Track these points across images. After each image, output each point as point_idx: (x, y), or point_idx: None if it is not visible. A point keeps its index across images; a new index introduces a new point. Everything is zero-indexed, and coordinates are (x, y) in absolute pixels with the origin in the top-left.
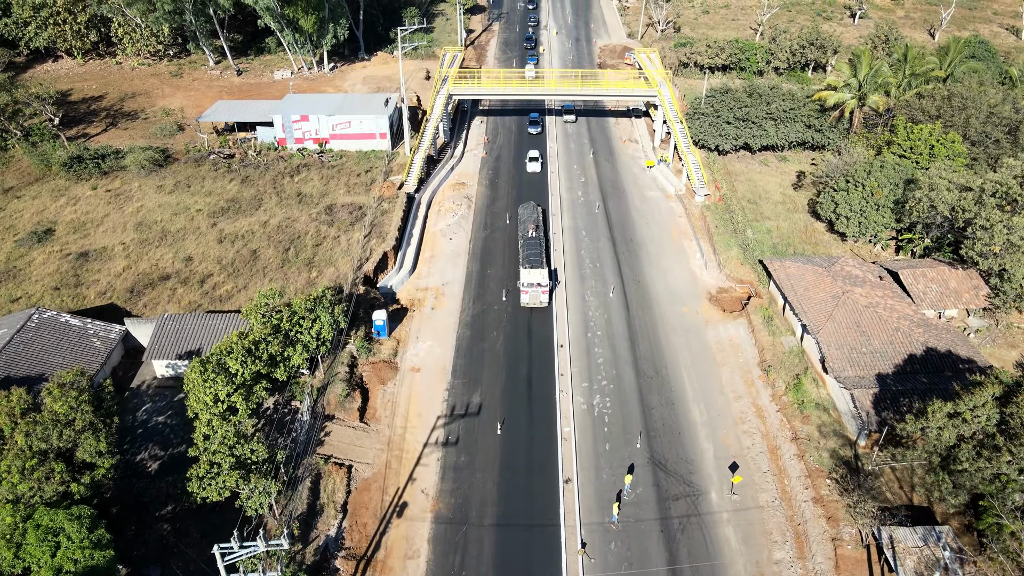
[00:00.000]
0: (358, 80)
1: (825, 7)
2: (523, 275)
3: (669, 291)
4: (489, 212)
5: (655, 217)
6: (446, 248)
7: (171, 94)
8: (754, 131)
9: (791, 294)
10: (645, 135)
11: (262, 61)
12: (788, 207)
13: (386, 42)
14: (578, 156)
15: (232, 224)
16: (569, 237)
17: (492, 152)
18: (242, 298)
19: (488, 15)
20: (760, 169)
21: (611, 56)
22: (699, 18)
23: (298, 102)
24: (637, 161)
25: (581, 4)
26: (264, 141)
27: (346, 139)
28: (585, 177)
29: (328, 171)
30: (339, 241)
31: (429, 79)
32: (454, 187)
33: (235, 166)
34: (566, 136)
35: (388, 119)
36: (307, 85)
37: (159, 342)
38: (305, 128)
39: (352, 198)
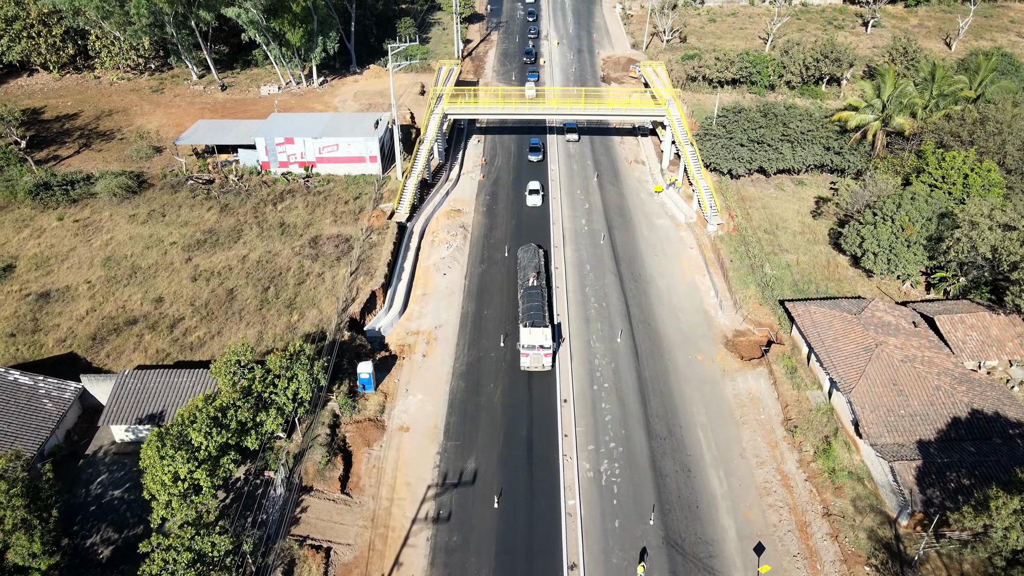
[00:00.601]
0: (349, 95)
1: (836, 15)
2: (523, 336)
3: (682, 334)
4: (486, 243)
5: (665, 249)
6: (440, 284)
7: (150, 112)
8: (770, 154)
9: (818, 344)
10: (652, 156)
11: (248, 75)
12: (808, 238)
13: (379, 54)
14: (581, 179)
15: (208, 259)
16: (573, 273)
17: (490, 175)
18: (215, 346)
19: (486, 24)
20: (776, 194)
21: (615, 68)
22: (705, 27)
23: (283, 122)
24: (644, 185)
25: (583, 12)
26: (246, 165)
27: (334, 163)
28: (589, 203)
29: (314, 198)
30: (323, 278)
31: (424, 94)
32: (449, 215)
33: (214, 192)
34: (568, 156)
35: (378, 141)
36: (294, 101)
37: (118, 403)
38: (290, 151)
39: (339, 228)
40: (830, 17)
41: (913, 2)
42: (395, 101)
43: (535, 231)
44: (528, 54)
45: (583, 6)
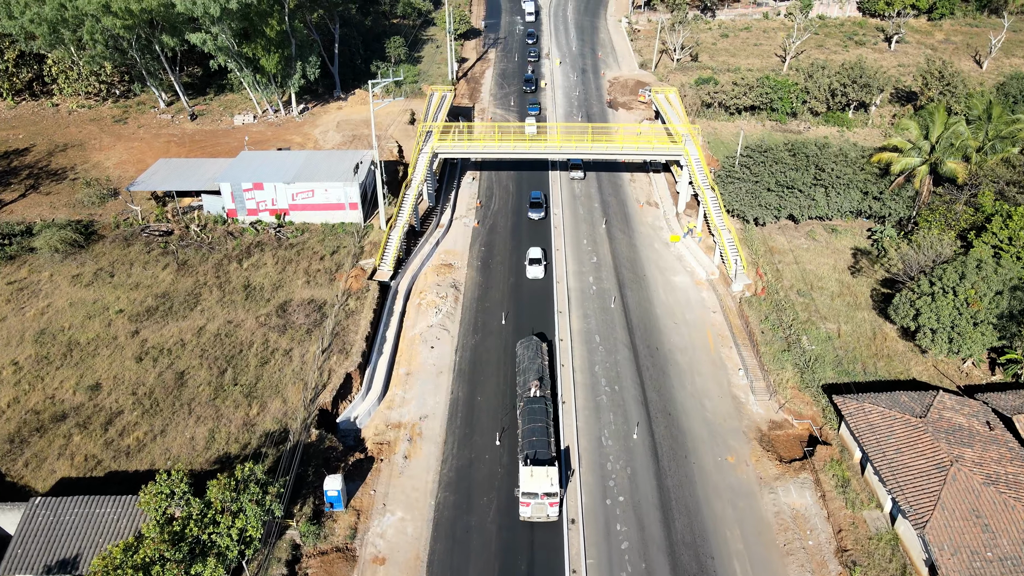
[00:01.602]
0: (331, 125)
1: (856, 30)
2: (523, 479)
3: (708, 427)
4: (480, 307)
5: (684, 314)
6: (426, 360)
7: (110, 146)
8: (801, 200)
9: (877, 455)
10: (667, 196)
11: (223, 101)
12: (848, 301)
13: (366, 77)
14: (588, 226)
15: (159, 332)
16: (580, 347)
17: (486, 220)
18: (157, 450)
19: (483, 40)
20: (807, 245)
21: (622, 92)
22: (718, 43)
23: (252, 164)
24: (659, 233)
25: (587, 27)
26: (211, 212)
27: (309, 210)
28: (597, 256)
29: (286, 252)
30: (291, 357)
31: (414, 123)
32: (439, 270)
33: (173, 246)
34: (573, 198)
35: (359, 187)
36: (271, 133)
37: (25, 544)
38: (259, 198)
39: (312, 292)
40: (850, 32)
41: (937, 15)
42: (379, 137)
43: (536, 292)
44: (528, 82)
45: (586, 20)
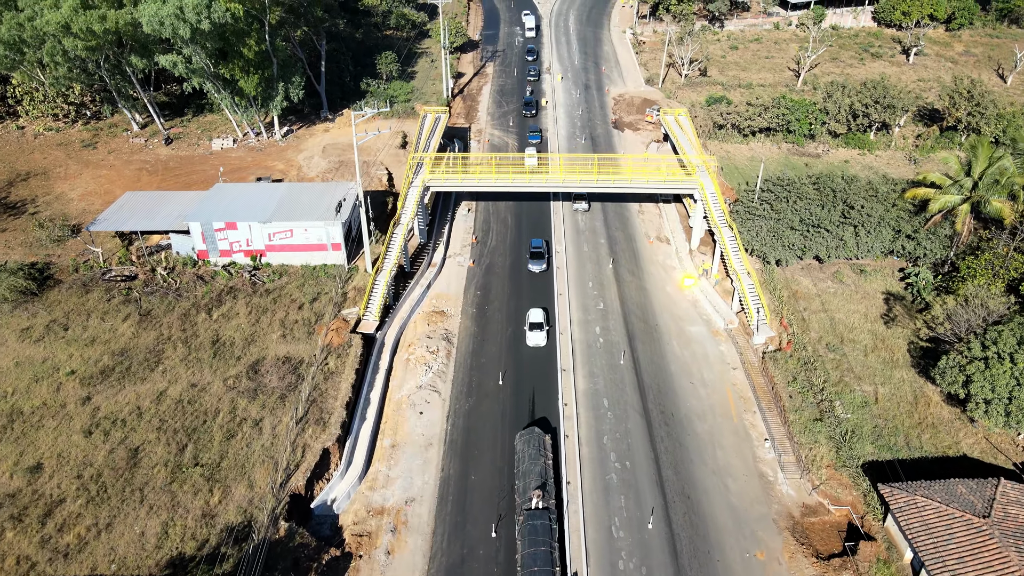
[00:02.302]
0: (317, 150)
1: (871, 41)
2: None
3: (733, 513)
4: (475, 363)
5: (702, 372)
6: (414, 429)
7: (76, 174)
8: (827, 240)
9: (935, 565)
10: (678, 230)
11: (201, 123)
12: (884, 358)
13: (355, 96)
14: (594, 266)
15: (113, 398)
16: (586, 412)
17: (482, 259)
18: (100, 549)
19: (480, 53)
20: (835, 288)
21: (628, 110)
22: (727, 56)
23: (226, 199)
24: (671, 274)
25: (589, 39)
26: (180, 253)
27: (288, 251)
28: (604, 302)
29: (261, 300)
30: (261, 429)
31: (405, 146)
32: (430, 318)
33: (136, 293)
34: (577, 232)
35: (342, 226)
36: (251, 159)
37: None
38: (233, 238)
39: (288, 348)
40: (864, 43)
41: (956, 25)
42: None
43: (537, 346)
44: (528, 105)
45: (589, 31)
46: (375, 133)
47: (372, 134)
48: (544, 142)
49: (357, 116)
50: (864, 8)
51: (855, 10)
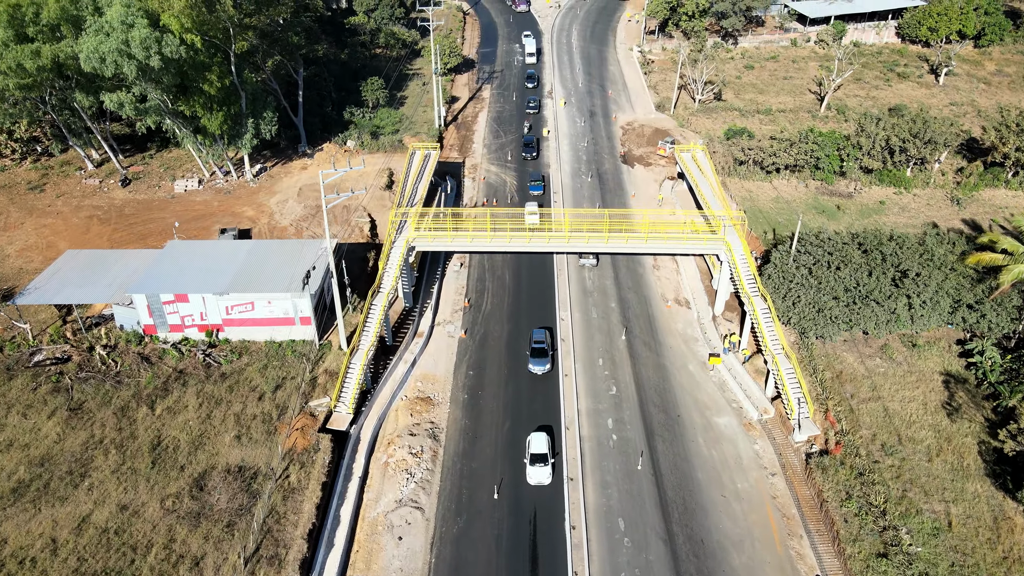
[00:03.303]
0: (292, 192)
1: (896, 59)
2: None
3: None
4: (466, 469)
5: (735, 480)
6: (391, 563)
7: (17, 223)
8: (878, 314)
9: None
10: (699, 290)
11: (165, 159)
12: (952, 464)
13: (338, 127)
14: (604, 337)
15: (23, 527)
16: (599, 539)
17: (475, 328)
18: None
19: (477, 74)
20: (885, 367)
21: (638, 142)
22: (743, 76)
23: (179, 260)
24: (693, 347)
25: (594, 58)
26: (124, 327)
27: (249, 325)
28: (617, 385)
29: (214, 387)
30: (202, 569)
31: (391, 187)
32: (413, 406)
33: (69, 379)
34: (584, 294)
35: (311, 297)
36: (217, 203)
37: None
38: (185, 311)
39: (243, 453)
40: (889, 62)
41: (986, 42)
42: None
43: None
44: (527, 146)
45: (593, 49)
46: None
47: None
48: (547, 186)
49: (327, 174)
50: (887, 23)
51: (878, 25)
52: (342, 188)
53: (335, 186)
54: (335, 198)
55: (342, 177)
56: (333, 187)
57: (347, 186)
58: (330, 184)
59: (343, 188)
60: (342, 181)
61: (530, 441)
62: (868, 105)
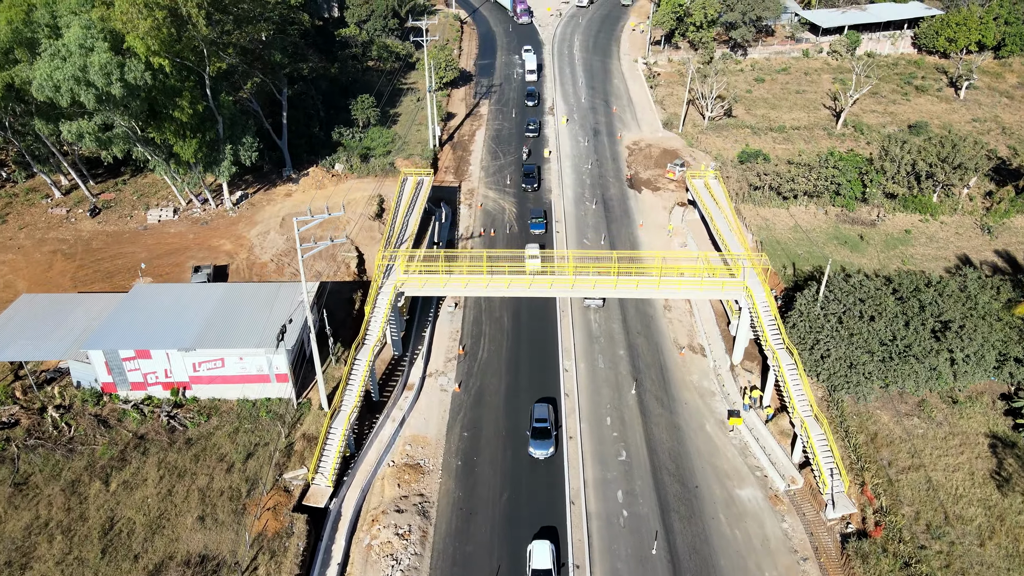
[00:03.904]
0: (274, 222)
1: (913, 71)
2: None
3: None
4: (459, 553)
5: (760, 568)
6: None
7: None
8: (917, 370)
9: None
10: (715, 334)
11: (139, 186)
12: (1007, 549)
13: (326, 149)
14: (612, 391)
15: None
16: None
17: (470, 379)
18: None
19: (474, 88)
20: (924, 427)
21: (645, 163)
22: (753, 89)
23: (144, 309)
24: (710, 403)
25: (597, 70)
26: (82, 384)
27: (219, 383)
28: (627, 449)
29: (179, 456)
30: None
31: (381, 216)
32: (401, 474)
33: (16, 446)
34: (589, 339)
35: (288, 353)
36: (193, 236)
37: None
38: (148, 368)
39: (207, 538)
40: (906, 74)
41: (1006, 52)
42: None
43: (544, 524)
44: (528, 176)
45: (596, 61)
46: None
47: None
48: (549, 224)
49: (302, 221)
50: (903, 33)
51: (893, 35)
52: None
53: None
54: (312, 247)
55: (331, 201)
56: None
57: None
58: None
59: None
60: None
61: (531, 551)
62: (886, 122)
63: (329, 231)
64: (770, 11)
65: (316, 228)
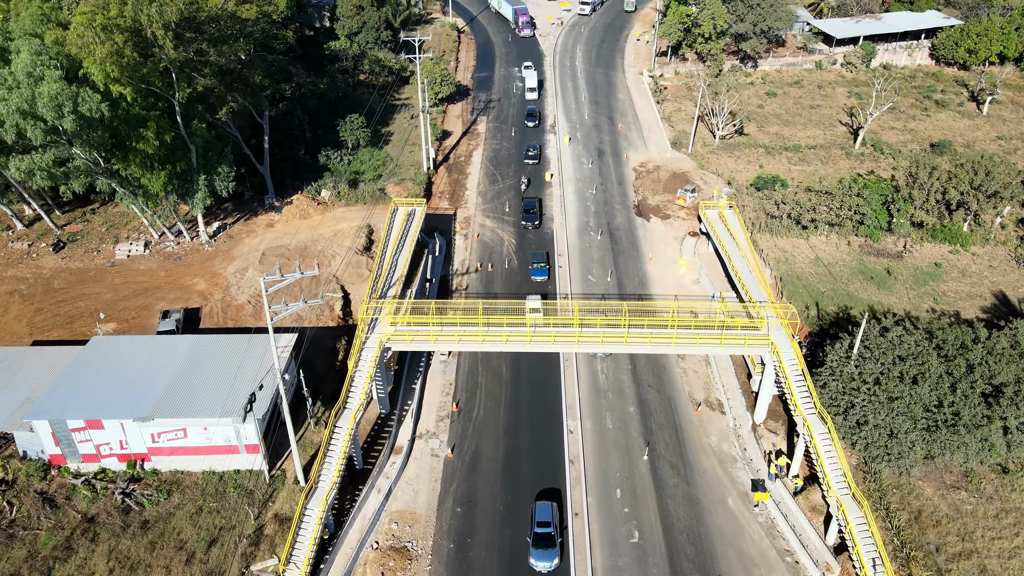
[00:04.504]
0: (254, 257)
1: (932, 83)
2: None
3: None
4: None
5: None
6: None
7: None
8: (966, 441)
9: None
10: (733, 387)
11: (109, 216)
12: None
13: (313, 173)
14: (622, 458)
15: None
16: None
17: (465, 443)
18: None
19: (471, 104)
20: (972, 503)
21: (653, 187)
22: (765, 104)
23: (101, 368)
24: (731, 472)
25: (601, 84)
26: (28, 455)
27: (181, 454)
28: (641, 530)
29: (133, 542)
30: None
31: (370, 249)
32: (385, 562)
33: None
34: (596, 394)
35: (258, 423)
36: (164, 273)
37: None
38: (100, 439)
39: None
40: (924, 87)
41: None
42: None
43: None
44: (528, 212)
45: (600, 73)
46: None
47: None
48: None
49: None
50: (920, 43)
51: (910, 45)
52: (312, 254)
53: (304, 248)
54: (283, 309)
55: (317, 231)
56: (304, 249)
57: (320, 249)
58: (302, 245)
59: (312, 254)
60: (314, 240)
61: None
62: (907, 140)
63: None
64: (782, 22)
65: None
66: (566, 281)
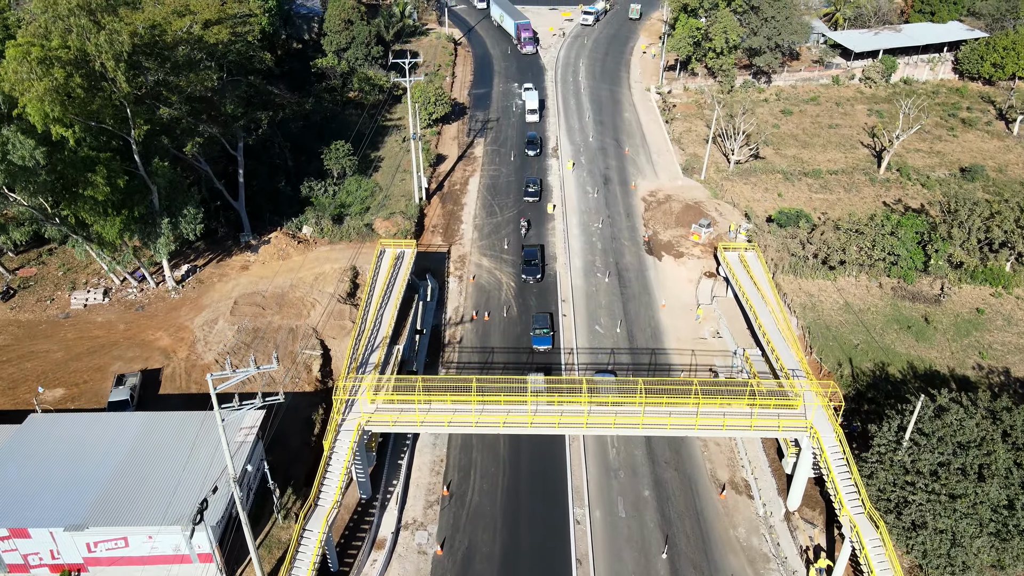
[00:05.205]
0: (225, 307)
1: (957, 100)
2: None
3: None
4: None
5: None
6: None
7: None
8: None
9: None
10: (762, 465)
11: (67, 257)
12: None
13: (295, 207)
14: (636, 555)
15: None
16: None
17: (457, 537)
18: None
19: (468, 124)
20: None
21: (665, 221)
22: (781, 124)
23: (30, 457)
24: (761, 572)
25: (606, 102)
26: None
27: (123, 565)
28: None
29: None
30: None
31: (355, 295)
32: None
33: None
34: (607, 474)
35: (212, 529)
36: (124, 326)
37: None
38: (27, 549)
39: None
40: (949, 104)
41: None
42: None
43: None
44: (530, 265)
45: (604, 90)
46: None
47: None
48: (556, 336)
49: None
50: (943, 57)
51: (932, 59)
52: (290, 303)
53: (282, 296)
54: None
55: (295, 274)
56: (281, 296)
57: (298, 298)
58: (279, 291)
59: (290, 303)
60: (293, 284)
61: None
62: (934, 164)
63: (290, 319)
64: (798, 35)
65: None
66: (571, 332)
